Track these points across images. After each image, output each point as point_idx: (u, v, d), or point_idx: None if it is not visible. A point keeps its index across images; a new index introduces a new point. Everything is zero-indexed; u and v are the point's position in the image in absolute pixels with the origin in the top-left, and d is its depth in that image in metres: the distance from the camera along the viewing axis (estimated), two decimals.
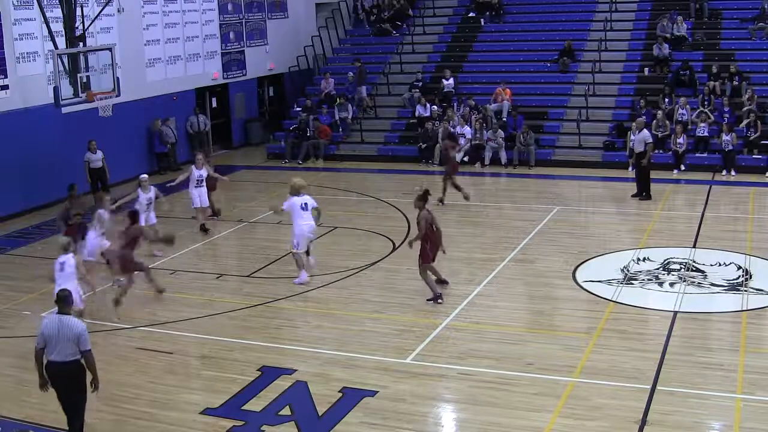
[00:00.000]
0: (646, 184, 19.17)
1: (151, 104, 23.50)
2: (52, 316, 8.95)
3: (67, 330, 8.55)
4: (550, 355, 11.00)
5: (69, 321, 8.64)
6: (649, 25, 26.99)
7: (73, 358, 8.62)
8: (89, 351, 8.64)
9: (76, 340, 8.54)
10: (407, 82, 27.03)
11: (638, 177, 19.33)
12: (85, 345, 8.60)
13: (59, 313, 8.73)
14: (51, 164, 20.14)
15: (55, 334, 8.56)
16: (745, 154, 21.88)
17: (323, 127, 25.31)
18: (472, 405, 9.81)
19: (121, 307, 12.92)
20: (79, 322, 8.76)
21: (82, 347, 8.58)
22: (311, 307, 13.21)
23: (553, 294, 13.60)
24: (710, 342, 11.58)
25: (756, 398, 9.71)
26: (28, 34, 19.84)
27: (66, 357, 8.59)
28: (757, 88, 23.43)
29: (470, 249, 15.86)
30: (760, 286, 13.33)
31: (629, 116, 23.56)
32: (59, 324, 8.60)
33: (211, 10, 26.17)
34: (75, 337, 8.54)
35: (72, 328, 8.56)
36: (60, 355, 8.58)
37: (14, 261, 16.21)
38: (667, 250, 15.28)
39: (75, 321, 8.70)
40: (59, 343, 8.55)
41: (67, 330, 8.55)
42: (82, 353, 8.60)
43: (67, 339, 8.54)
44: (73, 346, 8.56)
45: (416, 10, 30.60)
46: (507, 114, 24.48)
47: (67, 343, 8.55)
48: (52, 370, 8.69)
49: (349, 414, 9.57)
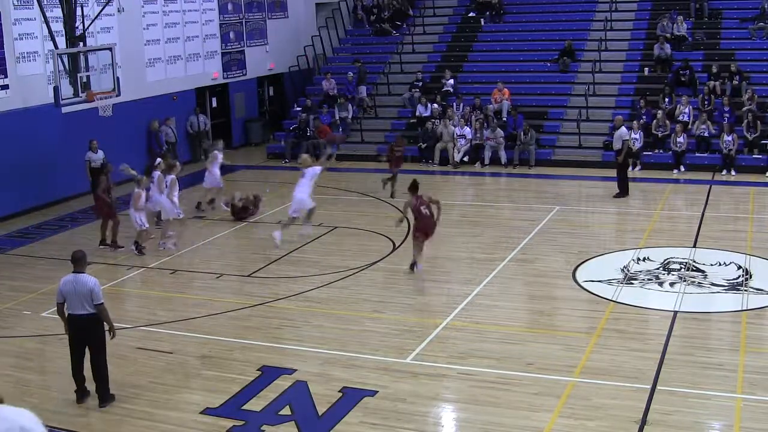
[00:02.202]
0: (622, 183, 19.25)
1: (151, 104, 23.48)
2: (68, 275, 9.69)
3: (81, 286, 9.52)
4: (550, 355, 11.00)
5: (83, 278, 9.60)
6: (649, 25, 27.01)
7: (88, 312, 9.57)
8: (101, 304, 9.58)
9: (89, 294, 9.51)
10: (407, 82, 27.04)
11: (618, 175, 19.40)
12: (98, 299, 9.55)
13: (74, 272, 9.66)
14: (51, 164, 20.15)
15: (71, 290, 9.56)
16: (745, 154, 21.89)
17: (323, 127, 25.31)
18: (472, 405, 9.81)
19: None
20: (91, 278, 9.64)
21: (95, 300, 9.53)
22: (311, 307, 13.20)
23: (553, 294, 13.60)
24: (710, 342, 11.58)
25: (756, 398, 9.71)
26: (28, 34, 19.83)
27: (83, 310, 9.55)
28: (757, 88, 23.44)
29: (470, 249, 15.87)
30: (760, 286, 13.34)
31: (629, 116, 23.57)
32: (74, 281, 9.58)
33: (211, 9, 26.17)
34: (88, 291, 9.51)
35: (85, 284, 9.53)
36: (77, 309, 9.57)
37: (14, 261, 16.21)
38: (667, 250, 15.28)
39: (87, 278, 9.61)
40: (75, 298, 9.54)
41: (81, 286, 9.52)
42: (95, 306, 9.54)
43: (81, 294, 9.51)
44: (88, 301, 9.52)
45: (416, 10, 30.62)
46: (507, 114, 24.49)
47: (82, 298, 9.52)
48: (72, 322, 9.67)
49: (349, 414, 9.56)
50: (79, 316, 9.58)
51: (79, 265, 9.71)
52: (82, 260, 9.77)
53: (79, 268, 9.70)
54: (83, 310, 9.55)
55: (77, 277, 9.61)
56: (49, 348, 11.98)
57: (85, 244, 16.97)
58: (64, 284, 9.62)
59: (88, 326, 9.63)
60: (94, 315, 9.61)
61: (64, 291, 9.59)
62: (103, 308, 9.63)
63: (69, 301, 9.59)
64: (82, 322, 9.59)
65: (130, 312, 13.18)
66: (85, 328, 9.63)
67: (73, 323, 9.65)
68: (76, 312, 9.58)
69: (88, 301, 9.52)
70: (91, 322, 9.62)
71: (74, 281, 9.59)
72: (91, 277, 9.70)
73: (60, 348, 11.84)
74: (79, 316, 9.58)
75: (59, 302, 9.67)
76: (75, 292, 9.53)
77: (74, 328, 9.68)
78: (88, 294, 9.51)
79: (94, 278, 9.70)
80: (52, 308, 13.29)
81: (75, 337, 9.74)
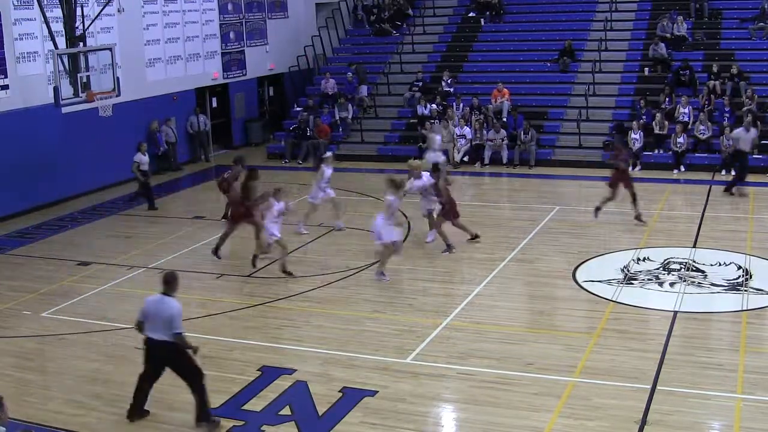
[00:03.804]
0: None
1: (151, 104, 23.48)
2: (156, 294, 9.21)
3: (164, 310, 8.92)
4: (550, 355, 11.01)
5: (168, 302, 8.99)
6: (649, 25, 27.00)
7: (167, 338, 8.94)
8: (180, 334, 8.94)
9: (169, 320, 8.87)
10: (407, 82, 27.03)
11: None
12: (177, 327, 8.90)
13: (162, 293, 9.09)
14: (51, 164, 20.14)
15: (153, 311, 9.01)
16: None
17: (323, 127, 25.30)
18: (472, 405, 9.81)
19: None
20: (176, 304, 9.00)
21: (173, 329, 8.89)
22: (311, 307, 13.20)
23: (553, 294, 13.60)
24: (710, 342, 11.58)
25: (756, 398, 9.71)
26: (28, 34, 19.82)
27: (160, 335, 8.96)
28: (757, 88, 23.42)
29: (470, 249, 15.86)
30: (760, 286, 13.34)
31: (629, 116, 23.58)
32: (159, 302, 9.02)
33: (211, 10, 26.16)
34: (168, 317, 8.88)
35: (168, 309, 8.91)
36: (155, 332, 8.99)
37: (14, 261, 16.20)
38: (667, 250, 15.28)
39: (173, 303, 8.97)
40: (155, 321, 8.97)
41: (163, 310, 8.92)
42: (173, 335, 8.91)
43: (162, 318, 8.91)
44: (167, 326, 8.90)
45: (416, 10, 30.61)
46: (507, 114, 24.49)
47: (162, 322, 8.92)
48: (148, 346, 9.12)
49: (349, 414, 9.57)
50: (156, 342, 9.01)
51: (168, 288, 9.10)
52: (172, 283, 9.12)
53: (167, 290, 9.09)
54: (160, 335, 8.96)
55: (163, 299, 9.03)
56: (49, 348, 11.98)
57: (85, 245, 17.08)
58: (148, 303, 9.12)
59: (165, 354, 9.04)
60: (172, 344, 8.98)
61: (146, 310, 9.08)
62: (181, 339, 8.98)
63: (148, 323, 9.05)
64: (157, 348, 9.03)
65: (130, 312, 13.12)
66: (162, 353, 9.05)
67: (149, 347, 9.12)
68: (153, 336, 9.01)
69: (167, 327, 8.91)
70: (167, 350, 9.02)
71: (159, 302, 9.03)
72: (176, 302, 9.04)
73: (60, 348, 11.89)
74: (155, 340, 9.01)
75: (139, 320, 9.17)
76: (156, 314, 8.96)
77: (149, 351, 9.15)
78: (168, 320, 8.89)
79: (179, 305, 9.05)
80: (52, 308, 13.38)
81: (150, 359, 9.19)
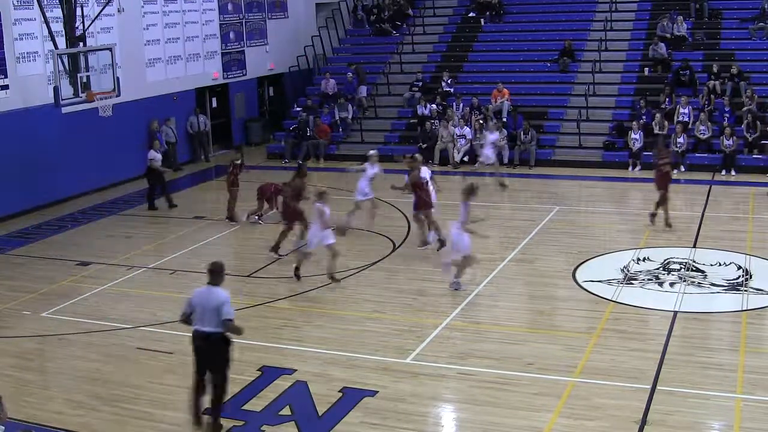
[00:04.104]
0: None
1: (151, 104, 23.48)
2: (202, 287, 9.15)
3: (212, 300, 8.88)
4: (550, 355, 11.01)
5: (216, 291, 8.96)
6: (649, 25, 26.99)
7: (214, 330, 8.89)
8: (231, 320, 8.89)
9: (219, 308, 8.82)
10: (407, 82, 27.04)
11: None
12: (227, 314, 8.86)
13: (209, 284, 9.03)
14: (51, 164, 20.14)
15: (202, 302, 8.95)
16: (745, 154, 21.89)
17: (323, 127, 25.30)
18: (472, 405, 9.81)
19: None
20: (224, 292, 8.97)
21: (223, 315, 8.83)
22: (311, 307, 13.20)
23: (553, 294, 13.60)
24: (710, 342, 11.59)
25: (756, 398, 9.71)
26: (28, 34, 19.82)
27: (209, 327, 8.89)
28: (757, 88, 23.43)
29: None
30: (760, 286, 13.34)
31: (629, 116, 23.59)
32: (207, 293, 8.98)
33: (211, 10, 26.15)
34: (218, 305, 8.83)
35: (217, 298, 8.89)
36: (205, 324, 8.92)
37: (14, 261, 16.20)
38: (667, 250, 15.28)
39: (220, 292, 8.96)
40: (206, 311, 8.90)
41: (212, 300, 8.88)
42: (224, 321, 8.84)
43: (211, 308, 8.86)
44: (216, 316, 8.83)
45: (416, 10, 30.61)
46: (507, 114, 24.49)
47: (212, 311, 8.85)
48: (197, 338, 9.02)
49: (349, 414, 9.57)
50: (204, 334, 8.92)
51: (214, 278, 9.02)
52: (219, 273, 9.06)
53: (214, 280, 9.01)
54: (209, 326, 8.87)
55: (210, 290, 8.96)
56: (48, 348, 11.98)
57: (85, 245, 17.07)
58: (196, 295, 9.06)
59: (212, 347, 8.94)
60: (220, 335, 8.89)
61: (195, 302, 9.01)
62: (232, 325, 8.90)
63: (197, 315, 8.95)
64: (205, 340, 8.92)
65: (130, 312, 13.17)
66: (209, 348, 8.95)
67: (197, 340, 9.01)
68: (202, 328, 8.93)
69: (217, 316, 8.81)
70: (215, 343, 8.92)
71: (207, 293, 8.96)
72: (224, 291, 8.99)
73: (60, 348, 11.88)
74: (203, 333, 8.92)
75: (185, 312, 9.09)
76: (204, 305, 8.90)
77: (197, 344, 9.03)
78: (218, 308, 8.80)
79: (227, 293, 8.98)
80: (52, 308, 13.37)
81: (198, 354, 9.07)
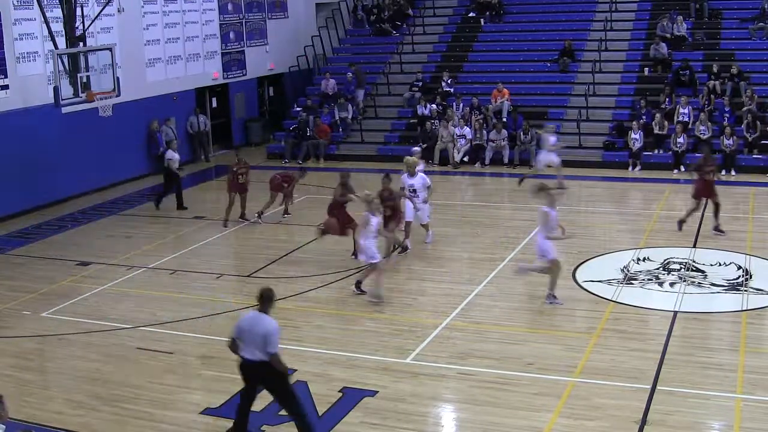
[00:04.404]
0: None
1: (151, 104, 23.48)
2: (251, 311, 8.73)
3: (259, 328, 8.42)
4: (550, 355, 11.01)
5: (263, 319, 8.47)
6: (649, 25, 27.00)
7: (259, 358, 8.44)
8: (275, 354, 8.38)
9: (264, 339, 8.36)
10: (407, 82, 27.04)
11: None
12: (272, 347, 8.36)
13: (259, 310, 8.58)
14: (51, 164, 20.14)
15: (247, 328, 8.49)
16: (746, 154, 21.89)
17: (323, 127, 25.30)
18: (472, 405, 9.81)
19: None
20: (272, 322, 8.47)
21: (268, 348, 8.36)
22: (311, 307, 13.21)
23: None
24: (710, 342, 11.59)
25: (756, 398, 9.71)
26: (28, 34, 19.82)
27: (255, 355, 8.45)
28: (757, 88, 23.43)
29: (470, 249, 15.87)
30: (760, 286, 13.34)
31: (629, 116, 23.59)
32: (254, 320, 8.52)
33: (211, 10, 26.16)
34: (263, 335, 8.37)
35: (264, 327, 8.40)
36: (250, 353, 8.48)
37: (14, 261, 16.20)
38: (667, 250, 15.28)
39: (269, 321, 8.46)
40: (249, 339, 8.47)
41: (258, 328, 8.42)
42: (268, 354, 8.38)
43: (256, 336, 8.41)
44: (261, 346, 8.39)
45: (416, 10, 30.60)
46: (507, 114, 24.49)
47: (257, 340, 8.41)
48: (243, 366, 8.64)
49: (349, 414, 9.57)
50: (250, 361, 8.51)
51: (264, 304, 8.55)
52: (268, 300, 8.58)
53: (263, 307, 8.55)
54: (254, 355, 8.45)
55: (258, 317, 8.51)
56: (48, 348, 11.98)
57: (85, 245, 17.08)
58: (243, 320, 8.65)
59: (261, 373, 8.53)
60: (268, 363, 8.46)
61: (240, 327, 8.57)
62: (276, 359, 8.41)
63: (242, 341, 8.54)
64: (252, 368, 8.53)
65: (130, 312, 13.18)
66: (258, 374, 8.56)
67: (244, 367, 8.63)
68: (247, 356, 8.51)
69: (262, 346, 8.38)
70: (263, 369, 8.49)
71: (254, 319, 8.51)
72: (273, 320, 8.47)
73: (60, 348, 11.89)
74: (249, 360, 8.51)
75: (233, 337, 8.66)
76: (250, 332, 8.44)
77: (244, 371, 8.67)
78: (263, 338, 8.36)
79: (276, 323, 8.47)
80: (52, 308, 13.38)
81: (246, 379, 8.73)
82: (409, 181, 15.56)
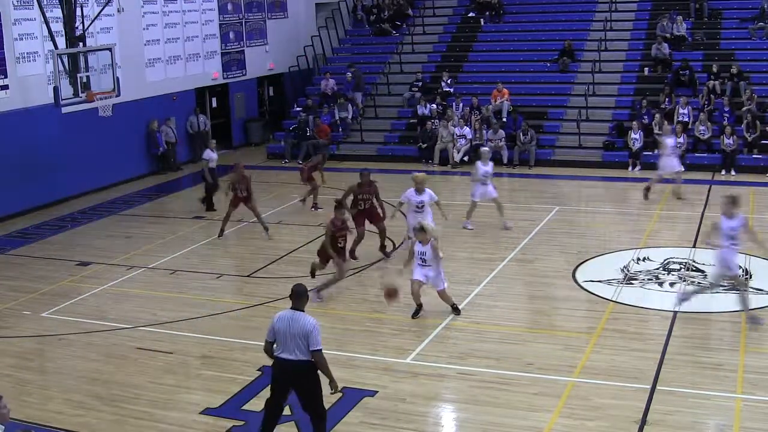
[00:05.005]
0: None
1: (151, 104, 23.47)
2: (285, 310, 8.48)
3: (297, 327, 8.20)
4: (550, 355, 11.00)
5: (301, 317, 8.28)
6: (649, 25, 27.00)
7: (303, 358, 8.23)
8: (319, 351, 8.22)
9: (306, 337, 8.17)
10: (407, 82, 27.04)
11: None
12: (315, 344, 8.19)
13: (292, 308, 8.39)
14: (51, 164, 20.14)
15: (285, 328, 8.25)
16: (745, 154, 21.90)
17: (323, 127, 25.29)
18: (472, 405, 9.81)
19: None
20: (311, 319, 8.29)
21: (311, 346, 8.18)
22: (311, 307, 13.14)
23: (553, 294, 13.59)
24: (710, 342, 11.58)
25: (756, 398, 9.71)
26: (28, 34, 19.83)
27: (295, 355, 8.23)
28: (757, 88, 23.44)
29: (470, 249, 15.86)
30: (760, 286, 13.33)
31: (629, 116, 23.59)
32: (290, 319, 8.29)
33: (211, 10, 26.16)
34: (305, 334, 8.17)
35: (303, 325, 8.20)
36: (288, 352, 8.25)
37: (14, 261, 16.20)
38: (667, 250, 15.28)
39: (307, 318, 8.28)
40: (288, 339, 8.23)
41: (297, 327, 8.21)
42: (311, 353, 8.21)
43: (296, 336, 8.20)
44: (302, 345, 8.19)
45: (416, 10, 30.61)
46: (507, 114, 24.49)
47: (297, 340, 8.20)
48: (279, 367, 8.38)
49: (349, 414, 9.57)
50: (289, 362, 8.25)
51: (298, 302, 8.37)
52: (302, 296, 8.40)
53: (298, 304, 8.36)
54: (294, 355, 8.20)
55: (294, 315, 8.27)
56: (48, 348, 11.98)
57: (85, 245, 17.08)
58: (279, 320, 8.32)
59: (299, 373, 8.29)
60: (308, 362, 8.25)
61: (277, 328, 8.27)
62: (321, 356, 8.22)
63: (279, 342, 8.26)
64: (290, 368, 8.27)
65: (130, 312, 13.17)
66: (296, 374, 8.30)
67: (280, 368, 8.35)
68: (286, 356, 8.25)
69: (303, 345, 8.17)
70: (302, 369, 8.27)
71: (290, 319, 8.26)
72: (310, 318, 8.30)
73: (60, 348, 11.88)
74: (288, 361, 8.25)
75: (269, 340, 8.38)
76: (289, 332, 8.19)
77: (280, 373, 8.39)
78: (304, 337, 8.15)
79: (315, 320, 8.30)
80: (52, 308, 13.37)
81: (279, 382, 8.49)
82: (417, 198, 15.03)
